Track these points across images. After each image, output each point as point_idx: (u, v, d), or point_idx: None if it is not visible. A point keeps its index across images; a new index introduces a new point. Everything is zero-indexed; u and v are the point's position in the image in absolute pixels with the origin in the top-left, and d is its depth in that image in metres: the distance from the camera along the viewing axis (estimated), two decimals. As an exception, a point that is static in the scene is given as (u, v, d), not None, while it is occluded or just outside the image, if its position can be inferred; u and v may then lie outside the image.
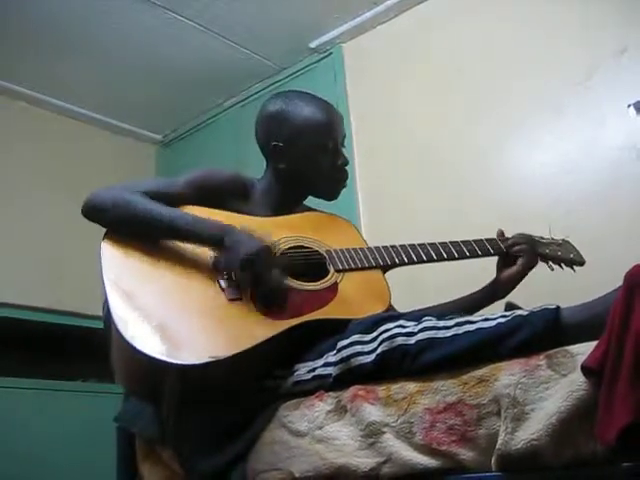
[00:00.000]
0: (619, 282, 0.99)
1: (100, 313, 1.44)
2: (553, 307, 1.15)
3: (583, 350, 1.02)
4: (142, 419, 1.53)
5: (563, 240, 1.74)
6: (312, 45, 3.24)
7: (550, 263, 1.70)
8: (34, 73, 3.30)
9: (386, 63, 3.03)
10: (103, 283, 1.38)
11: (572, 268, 1.70)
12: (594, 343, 0.99)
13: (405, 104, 2.90)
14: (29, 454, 2.80)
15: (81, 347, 3.04)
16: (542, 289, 1.75)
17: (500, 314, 1.20)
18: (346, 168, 1.72)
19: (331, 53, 3.23)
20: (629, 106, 2.25)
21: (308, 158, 1.67)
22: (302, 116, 1.66)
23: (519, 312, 1.18)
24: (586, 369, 0.97)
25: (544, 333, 1.11)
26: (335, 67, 3.19)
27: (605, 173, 2.28)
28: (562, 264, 1.70)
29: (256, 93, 3.50)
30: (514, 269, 1.66)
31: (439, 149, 2.75)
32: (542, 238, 1.73)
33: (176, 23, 3.04)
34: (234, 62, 3.34)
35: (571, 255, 1.70)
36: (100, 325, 1.46)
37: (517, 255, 1.66)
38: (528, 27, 2.58)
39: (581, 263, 1.70)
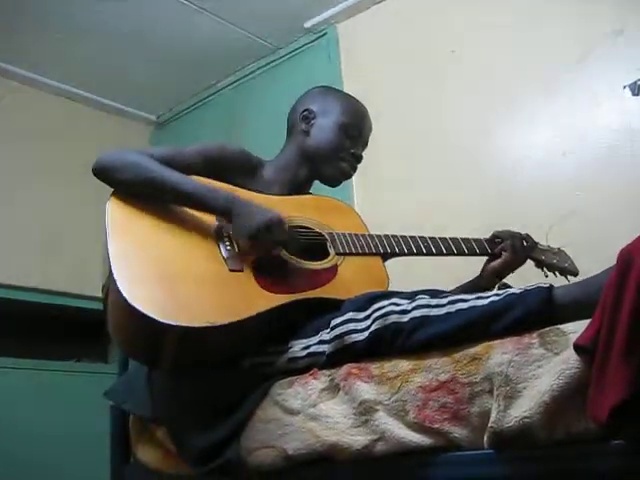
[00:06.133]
0: (613, 263, 0.99)
1: (93, 294, 1.44)
2: (546, 286, 1.16)
3: (576, 329, 1.02)
4: (134, 397, 1.53)
5: (559, 249, 1.79)
6: (307, 25, 3.21)
7: (545, 270, 1.75)
8: (27, 52, 3.27)
9: (381, 43, 3.00)
10: (106, 242, 1.38)
11: (566, 277, 1.74)
12: (587, 322, 0.99)
13: (399, 85, 2.88)
14: (22, 434, 2.80)
15: (74, 327, 3.04)
16: (539, 270, 1.77)
17: (493, 293, 1.20)
18: (356, 164, 1.78)
19: (326, 33, 3.20)
20: (625, 87, 2.24)
21: (332, 131, 1.73)
22: (342, 98, 1.81)
23: (512, 290, 1.18)
24: (579, 347, 0.97)
25: (537, 312, 1.11)
26: (330, 47, 3.16)
27: (600, 155, 2.27)
28: (556, 272, 1.75)
29: (251, 73, 3.48)
30: (497, 262, 1.70)
31: (432, 130, 2.74)
32: (540, 245, 1.77)
33: (171, 3, 3.01)
34: (229, 42, 3.32)
35: (566, 264, 1.75)
36: (94, 305, 1.46)
37: (502, 250, 1.70)
38: (524, 7, 2.56)
39: (574, 273, 1.74)
